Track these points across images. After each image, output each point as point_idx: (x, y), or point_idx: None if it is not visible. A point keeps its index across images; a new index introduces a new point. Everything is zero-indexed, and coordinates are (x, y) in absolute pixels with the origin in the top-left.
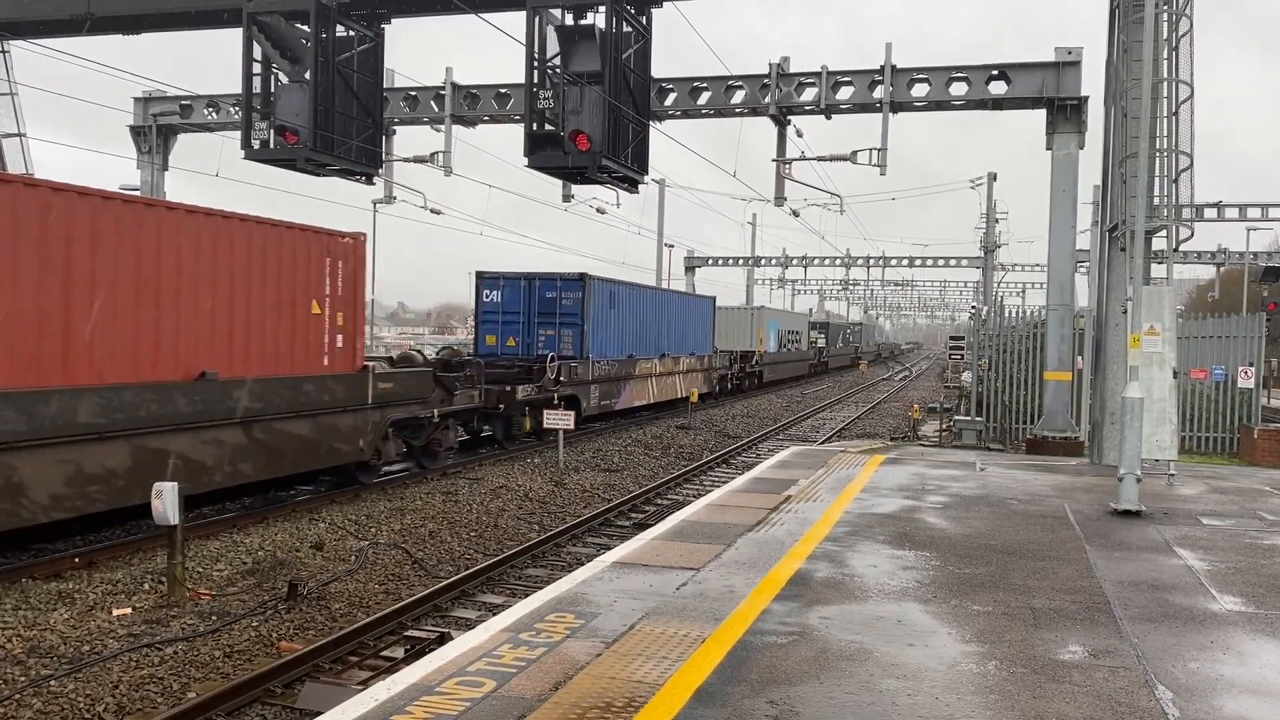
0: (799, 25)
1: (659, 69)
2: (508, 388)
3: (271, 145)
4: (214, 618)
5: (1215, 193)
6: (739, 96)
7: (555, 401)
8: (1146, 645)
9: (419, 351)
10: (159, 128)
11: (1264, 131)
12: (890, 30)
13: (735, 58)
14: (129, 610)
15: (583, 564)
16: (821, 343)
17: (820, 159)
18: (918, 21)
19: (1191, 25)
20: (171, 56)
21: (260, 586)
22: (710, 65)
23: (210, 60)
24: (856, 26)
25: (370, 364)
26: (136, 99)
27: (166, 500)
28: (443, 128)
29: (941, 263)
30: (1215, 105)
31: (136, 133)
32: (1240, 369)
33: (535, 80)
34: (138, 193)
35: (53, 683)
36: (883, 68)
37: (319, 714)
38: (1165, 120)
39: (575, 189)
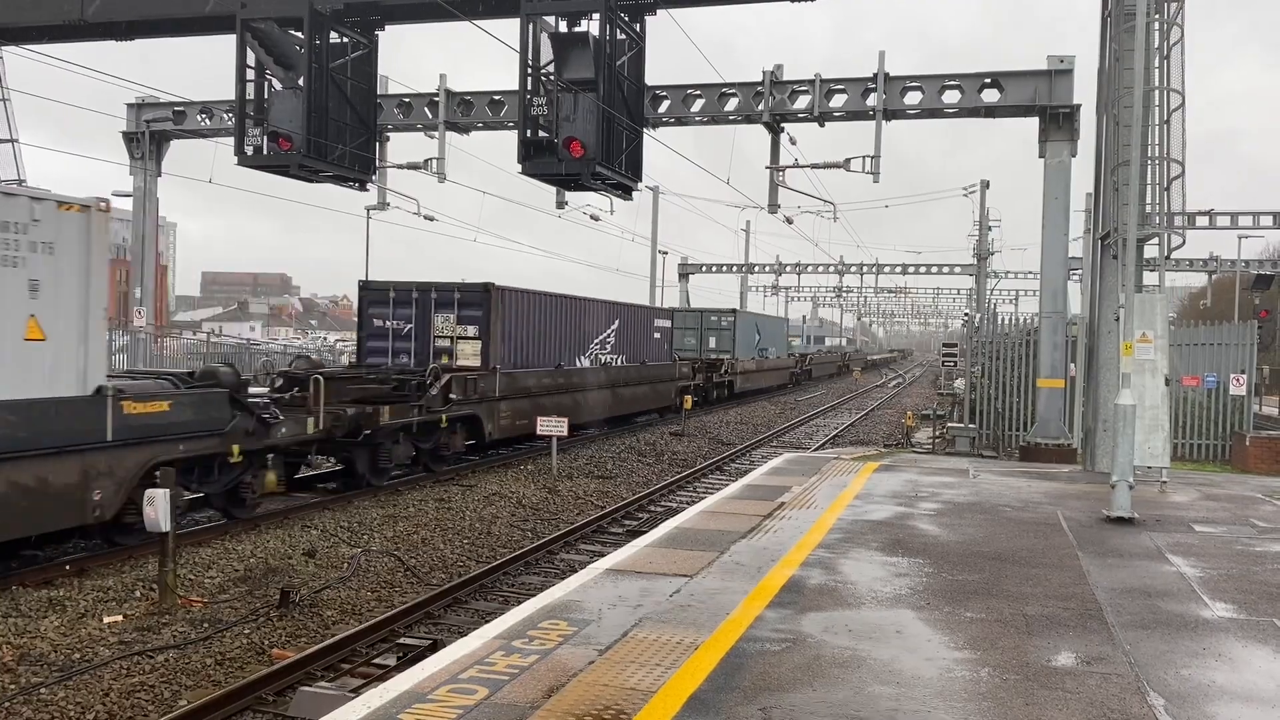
0: (789, 19)
1: (652, 75)
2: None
3: (265, 151)
4: (206, 625)
5: (1221, 196)
6: (732, 104)
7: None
8: (1139, 652)
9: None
10: (152, 134)
11: (1272, 134)
12: (885, 26)
13: (725, 52)
14: (120, 618)
15: (576, 571)
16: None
17: (814, 166)
18: (915, 14)
19: (1183, 34)
20: (165, 63)
21: (252, 594)
22: (703, 70)
23: (204, 67)
24: (850, 20)
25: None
26: (129, 105)
27: (159, 507)
28: (436, 134)
29: (935, 270)
30: (1222, 105)
31: (129, 139)
32: (1232, 376)
33: (529, 87)
34: (129, 198)
35: (43, 691)
36: (876, 76)
37: None
38: (1157, 128)
39: (569, 196)
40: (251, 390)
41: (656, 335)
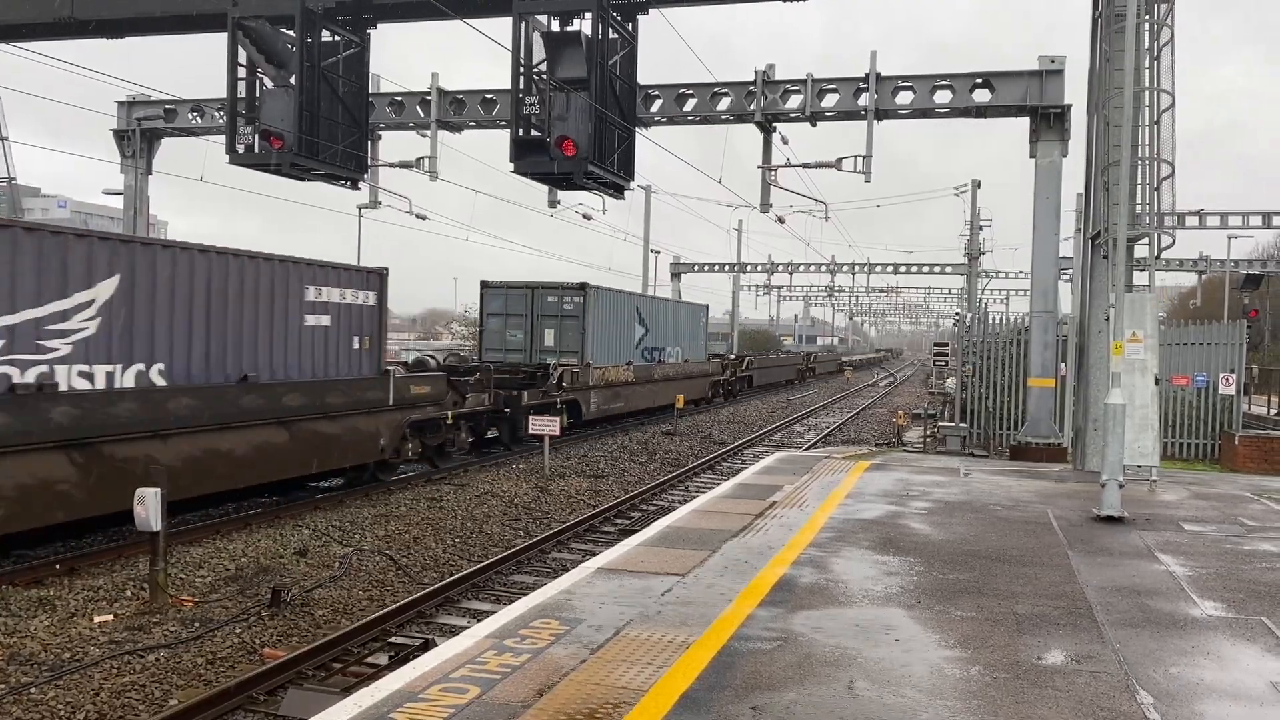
0: (781, 16)
1: (645, 74)
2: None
3: (256, 150)
4: (196, 624)
5: (1222, 193)
6: (725, 103)
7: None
8: (1128, 650)
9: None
10: (143, 132)
11: (1272, 129)
12: (878, 22)
13: (718, 48)
14: (110, 617)
15: (568, 570)
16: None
17: (806, 166)
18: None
19: (1172, 35)
20: (156, 61)
21: (243, 593)
22: (696, 69)
23: (195, 64)
24: (843, 16)
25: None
26: (120, 103)
27: (149, 506)
28: (428, 133)
29: (926, 269)
30: (1223, 99)
31: (120, 137)
32: (1222, 376)
33: (521, 86)
34: (120, 197)
35: (33, 690)
36: (867, 75)
37: None
38: (1147, 129)
39: (561, 195)
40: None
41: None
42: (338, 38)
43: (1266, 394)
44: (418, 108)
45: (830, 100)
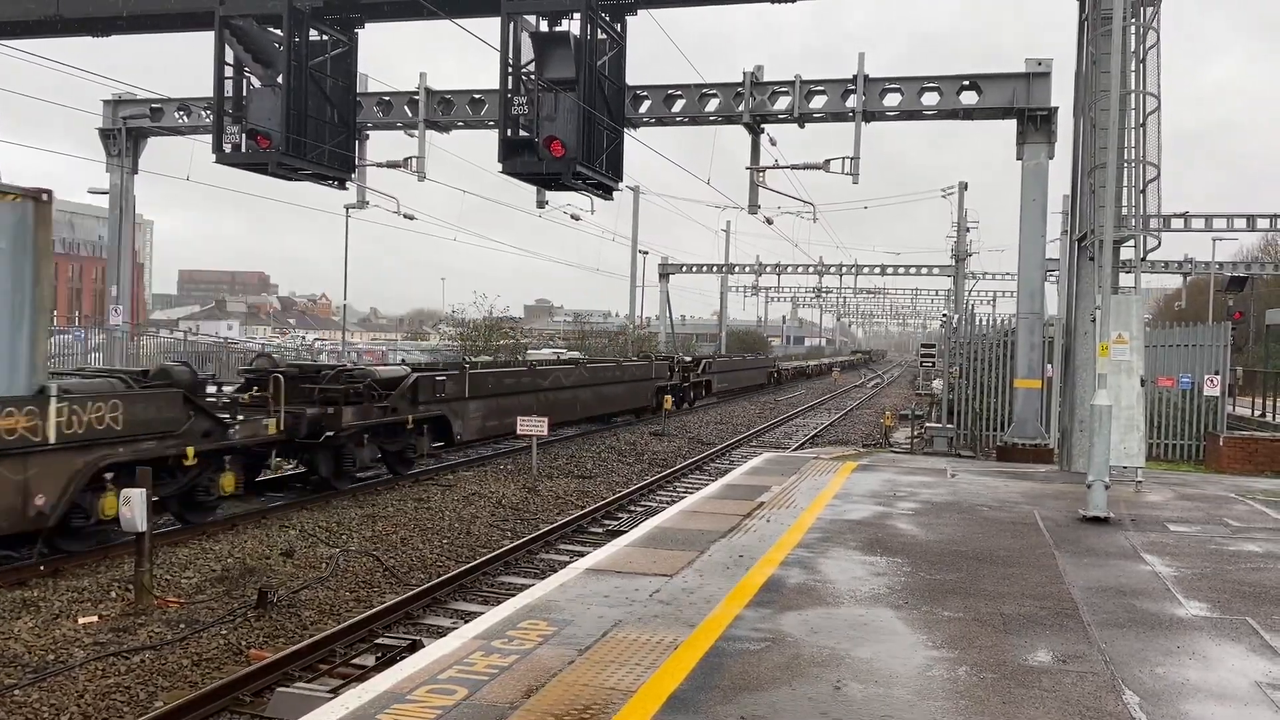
0: (769, 9)
1: (633, 75)
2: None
3: (243, 149)
4: (182, 626)
5: (1213, 190)
6: (713, 104)
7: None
8: (1114, 650)
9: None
10: (129, 131)
11: (1266, 127)
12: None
13: (706, 42)
14: (95, 618)
15: (556, 571)
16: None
17: (794, 167)
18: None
19: (1159, 39)
20: (142, 59)
21: (229, 594)
22: (685, 70)
23: (182, 63)
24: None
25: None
26: (106, 101)
27: (135, 507)
28: (416, 133)
29: (914, 271)
30: (1213, 98)
31: (106, 136)
32: (1206, 377)
33: (510, 86)
34: (106, 196)
35: (16, 692)
36: (855, 77)
37: None
38: (1133, 131)
39: (549, 195)
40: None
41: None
42: (325, 37)
43: (1251, 395)
44: (405, 107)
45: (818, 102)
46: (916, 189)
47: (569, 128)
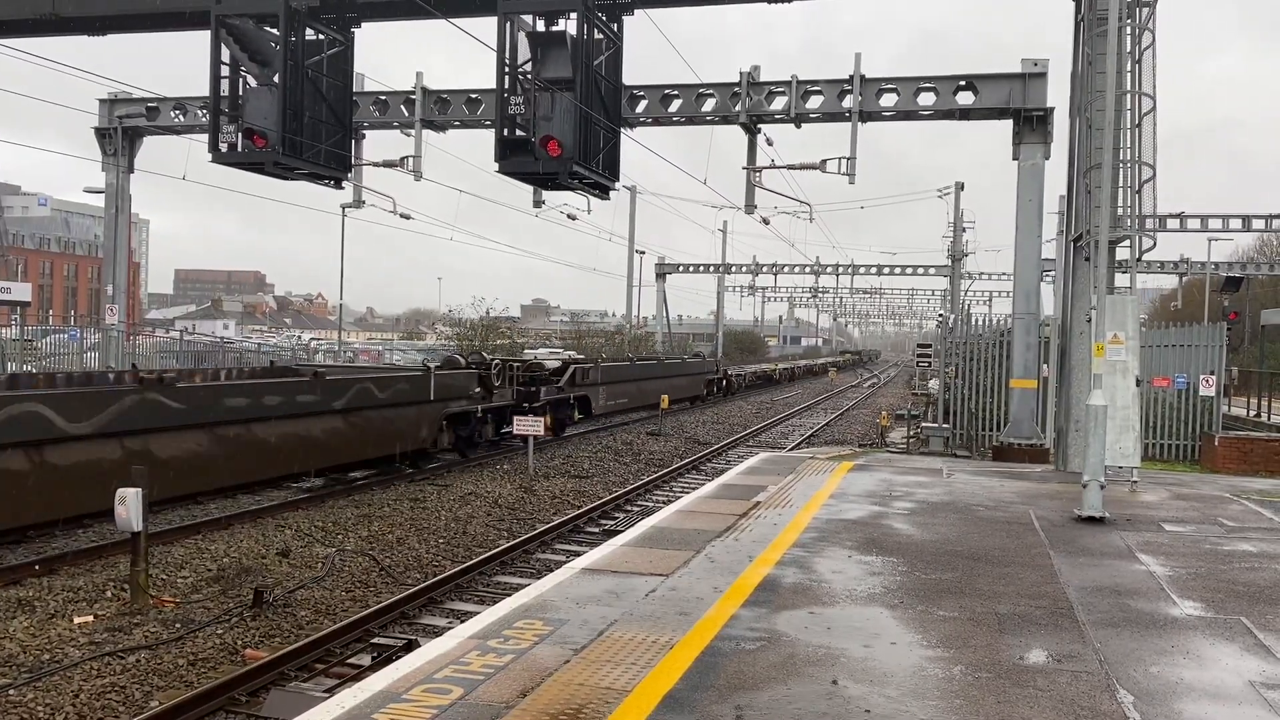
0: (764, 9)
1: (630, 75)
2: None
3: (239, 149)
4: (178, 625)
5: (1213, 187)
6: (710, 105)
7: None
8: (1109, 650)
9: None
10: (125, 130)
11: (1270, 125)
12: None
13: (702, 40)
14: (91, 618)
15: (552, 570)
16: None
17: (790, 167)
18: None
19: (1154, 39)
20: (138, 58)
21: (225, 594)
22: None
23: (178, 62)
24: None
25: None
26: (101, 101)
27: (130, 506)
28: (413, 132)
29: (910, 271)
30: (1217, 94)
31: (101, 135)
32: (1202, 377)
33: (506, 86)
34: (102, 195)
35: (11, 692)
36: (852, 77)
37: None
38: (1129, 132)
39: (546, 195)
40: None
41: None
42: (322, 36)
43: (1246, 395)
44: (402, 107)
45: (815, 102)
46: (915, 188)
47: (566, 127)
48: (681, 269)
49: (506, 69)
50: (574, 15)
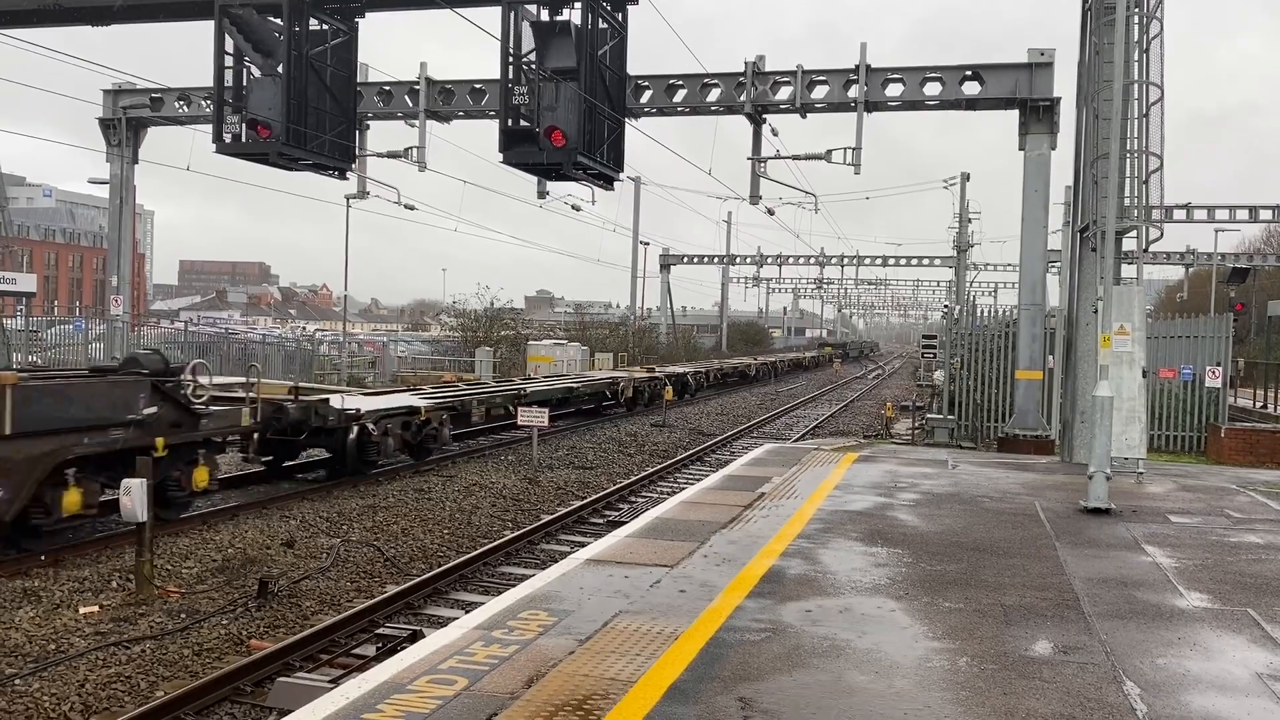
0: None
1: (634, 64)
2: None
3: (243, 139)
4: (183, 616)
5: (1233, 174)
6: (714, 95)
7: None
8: (1115, 641)
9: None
10: (129, 120)
11: None
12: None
13: (702, 23)
14: (96, 608)
15: (556, 561)
16: None
17: (795, 158)
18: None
19: (1162, 28)
20: (142, 48)
21: (230, 584)
22: (685, 60)
23: (182, 53)
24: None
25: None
26: (106, 91)
27: (135, 497)
28: (417, 123)
29: (915, 262)
30: (1237, 78)
31: (106, 125)
32: (1208, 369)
33: (510, 76)
34: (106, 186)
35: (17, 682)
36: (857, 67)
37: (289, 712)
38: (1136, 122)
39: (550, 185)
40: None
41: None
42: (326, 26)
43: (1252, 387)
44: (406, 97)
45: (820, 92)
46: (923, 176)
47: (570, 117)
48: (686, 260)
49: (511, 59)
50: (578, 4)
